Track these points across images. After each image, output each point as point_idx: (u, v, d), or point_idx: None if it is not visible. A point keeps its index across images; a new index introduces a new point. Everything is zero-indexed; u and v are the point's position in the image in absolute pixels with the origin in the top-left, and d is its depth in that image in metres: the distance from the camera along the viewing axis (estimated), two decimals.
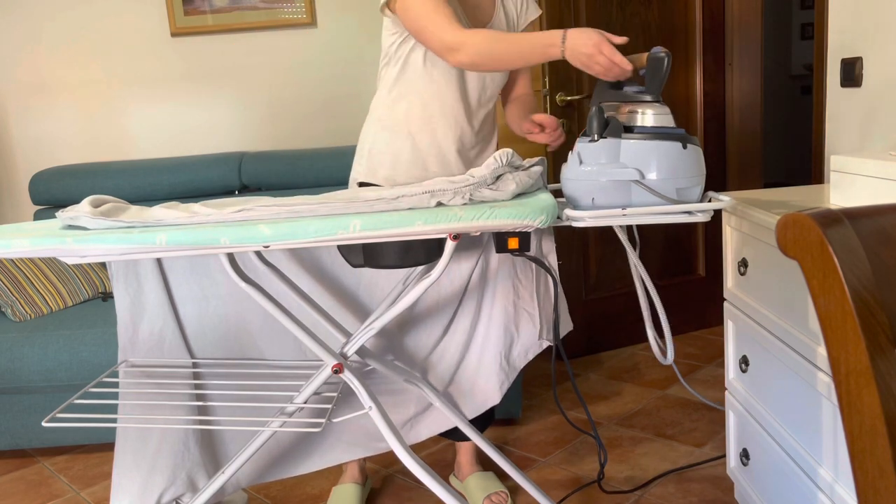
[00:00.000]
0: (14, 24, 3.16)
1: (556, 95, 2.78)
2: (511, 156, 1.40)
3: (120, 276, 1.65)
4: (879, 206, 0.73)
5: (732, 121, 3.22)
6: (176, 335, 1.71)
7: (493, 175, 1.35)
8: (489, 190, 1.33)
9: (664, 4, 2.97)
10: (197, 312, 1.71)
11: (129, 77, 3.20)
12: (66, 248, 1.30)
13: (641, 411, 2.51)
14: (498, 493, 1.96)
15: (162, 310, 1.68)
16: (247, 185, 2.94)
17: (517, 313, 1.71)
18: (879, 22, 1.75)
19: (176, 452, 1.67)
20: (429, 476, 1.46)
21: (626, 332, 3.10)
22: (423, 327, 1.75)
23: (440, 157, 1.73)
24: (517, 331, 1.72)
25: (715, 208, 1.31)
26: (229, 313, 1.72)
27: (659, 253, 3.16)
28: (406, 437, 1.79)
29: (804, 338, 1.41)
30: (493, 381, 1.73)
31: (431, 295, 1.73)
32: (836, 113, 1.95)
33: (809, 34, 5.90)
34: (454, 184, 1.32)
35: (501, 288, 1.70)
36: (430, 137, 1.72)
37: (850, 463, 0.70)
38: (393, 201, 1.32)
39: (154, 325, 1.68)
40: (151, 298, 1.67)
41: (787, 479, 1.53)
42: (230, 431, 1.76)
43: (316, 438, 1.79)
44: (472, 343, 1.74)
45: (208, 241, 1.28)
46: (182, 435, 1.68)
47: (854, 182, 1.48)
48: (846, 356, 0.68)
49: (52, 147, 3.24)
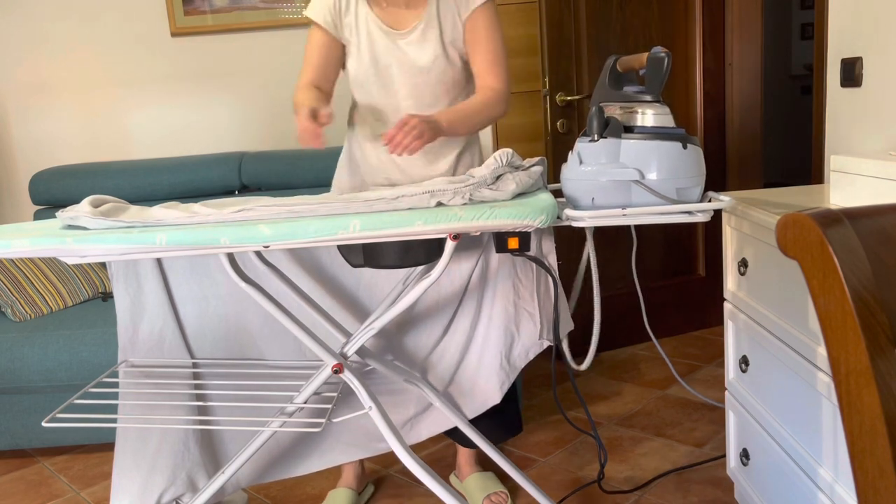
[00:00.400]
0: (15, 25, 3.16)
1: (556, 96, 2.78)
2: (511, 156, 1.40)
3: (120, 276, 1.65)
4: (879, 206, 0.73)
5: (732, 121, 3.22)
6: (176, 335, 1.71)
7: (493, 175, 1.35)
8: (489, 190, 1.33)
9: (664, 4, 2.97)
10: (197, 312, 1.71)
11: (129, 77, 3.20)
12: (66, 248, 1.30)
13: (641, 411, 2.51)
14: (498, 493, 1.96)
15: (162, 310, 1.68)
16: (247, 185, 2.94)
17: (517, 313, 1.71)
18: (879, 22, 1.75)
19: (176, 452, 1.67)
20: (429, 476, 1.46)
21: (626, 332, 3.10)
22: (423, 327, 1.75)
23: (365, 165, 1.82)
24: (517, 330, 1.72)
25: (715, 208, 1.31)
26: (229, 313, 1.72)
27: (659, 253, 3.16)
28: (406, 437, 1.79)
29: (804, 338, 1.41)
30: (493, 381, 1.73)
31: (431, 295, 1.73)
32: (836, 113, 1.95)
33: (809, 34, 5.90)
34: (454, 184, 1.32)
35: (501, 288, 1.70)
36: (358, 146, 1.83)
37: (850, 463, 0.70)
38: (393, 201, 1.32)
39: (154, 325, 1.68)
40: (151, 298, 1.67)
41: (787, 479, 1.53)
42: (230, 431, 1.76)
43: (315, 439, 1.79)
44: (472, 343, 1.74)
45: (208, 241, 1.28)
46: (182, 435, 1.68)
47: (854, 182, 1.48)
48: (846, 356, 0.68)
49: (52, 147, 3.24)
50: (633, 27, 2.92)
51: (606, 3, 2.85)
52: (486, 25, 1.70)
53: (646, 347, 3.09)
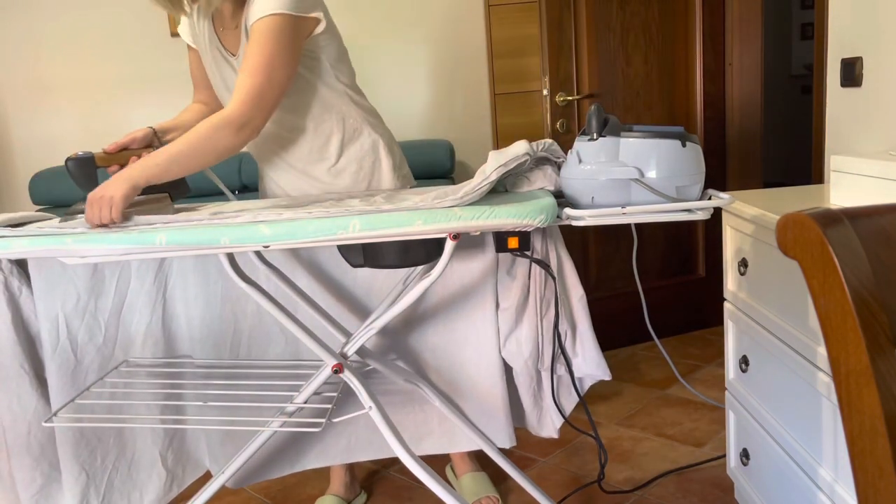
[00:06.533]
0: (14, 24, 3.16)
1: (556, 96, 2.78)
2: (550, 145, 1.42)
3: (117, 275, 1.65)
4: (879, 206, 0.73)
5: (732, 121, 3.22)
6: (174, 335, 1.71)
7: (533, 160, 1.37)
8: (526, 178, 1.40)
9: (664, 4, 2.97)
10: (195, 313, 1.71)
11: (129, 77, 3.20)
12: (66, 249, 1.30)
13: (641, 411, 2.51)
14: (489, 497, 1.95)
15: (160, 309, 1.68)
16: (247, 185, 2.94)
17: (524, 316, 1.70)
18: (879, 22, 1.75)
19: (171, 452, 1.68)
20: (429, 476, 1.46)
21: (626, 332, 3.10)
22: (425, 327, 1.75)
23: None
24: (523, 334, 1.71)
25: (715, 206, 1.31)
26: (227, 313, 1.72)
27: (659, 253, 3.16)
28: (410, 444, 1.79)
29: (804, 338, 1.41)
30: (497, 385, 1.73)
31: (436, 294, 1.73)
32: (836, 113, 1.95)
33: (809, 34, 5.90)
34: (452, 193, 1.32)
35: (506, 290, 1.70)
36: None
37: (850, 463, 0.70)
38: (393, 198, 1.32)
39: (152, 325, 1.68)
40: (150, 298, 1.67)
41: (787, 479, 1.53)
42: (229, 431, 1.76)
43: (314, 439, 1.80)
44: (476, 344, 1.73)
45: (208, 241, 1.28)
46: (179, 434, 1.68)
47: (854, 182, 1.48)
48: (846, 356, 0.68)
49: (52, 147, 3.24)
50: (633, 27, 2.92)
51: (606, 3, 2.85)
52: (253, 40, 1.49)
53: (646, 347, 3.09)
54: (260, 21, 1.47)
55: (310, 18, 1.54)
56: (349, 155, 1.69)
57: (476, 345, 1.72)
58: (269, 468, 1.80)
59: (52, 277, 1.57)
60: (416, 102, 3.34)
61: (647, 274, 3.14)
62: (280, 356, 1.75)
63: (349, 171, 1.69)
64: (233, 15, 1.61)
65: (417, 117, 3.34)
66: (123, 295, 1.66)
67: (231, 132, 1.44)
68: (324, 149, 1.68)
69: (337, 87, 1.66)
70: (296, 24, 1.50)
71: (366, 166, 1.70)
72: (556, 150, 1.45)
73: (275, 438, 1.76)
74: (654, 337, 2.20)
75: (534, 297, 1.64)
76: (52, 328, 1.58)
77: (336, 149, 1.68)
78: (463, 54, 3.29)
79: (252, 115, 1.46)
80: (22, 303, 1.57)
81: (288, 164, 1.70)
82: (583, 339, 1.65)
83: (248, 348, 1.75)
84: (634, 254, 1.83)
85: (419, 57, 3.30)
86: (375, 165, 1.71)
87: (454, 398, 1.78)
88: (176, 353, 1.72)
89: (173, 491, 1.76)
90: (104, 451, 1.66)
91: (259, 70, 1.46)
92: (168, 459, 1.74)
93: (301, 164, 1.69)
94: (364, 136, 1.69)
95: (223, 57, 1.64)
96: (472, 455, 2.06)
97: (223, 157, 1.46)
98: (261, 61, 1.46)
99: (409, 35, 3.28)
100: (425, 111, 3.34)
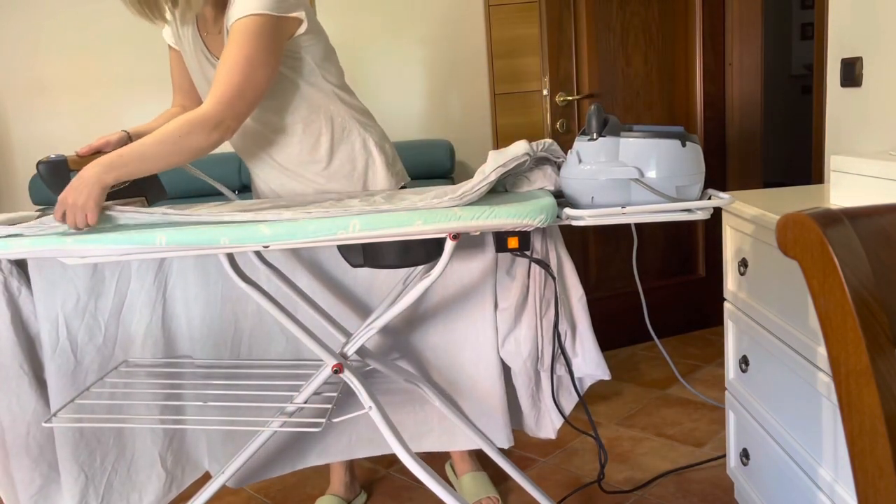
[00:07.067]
0: (14, 24, 3.16)
1: (556, 96, 2.78)
2: (550, 145, 1.42)
3: (117, 275, 1.65)
4: (879, 206, 0.73)
5: (732, 121, 3.22)
6: (174, 335, 1.71)
7: (533, 160, 1.38)
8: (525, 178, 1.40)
9: (664, 4, 2.97)
10: (195, 312, 1.71)
11: (129, 77, 3.20)
12: (66, 249, 1.30)
13: (641, 411, 2.51)
14: (489, 497, 1.95)
15: (160, 309, 1.68)
16: (247, 185, 2.94)
17: (523, 316, 1.70)
18: (879, 22, 1.74)
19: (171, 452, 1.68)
20: (429, 476, 1.46)
21: (626, 332, 3.10)
22: (425, 327, 1.75)
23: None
24: (521, 334, 1.71)
25: (714, 206, 1.31)
26: (228, 313, 1.72)
27: (659, 253, 3.16)
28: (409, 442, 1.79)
29: (804, 338, 1.41)
30: (496, 385, 1.73)
31: (435, 294, 1.73)
32: (836, 113, 1.95)
33: (809, 34, 5.90)
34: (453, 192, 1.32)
35: (505, 290, 1.70)
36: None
37: (850, 463, 0.70)
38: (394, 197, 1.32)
39: (152, 325, 1.68)
40: (150, 298, 1.67)
41: (787, 479, 1.53)
42: (230, 431, 1.76)
43: (314, 438, 1.80)
44: (475, 344, 1.73)
45: (208, 241, 1.28)
46: (179, 435, 1.68)
47: (854, 182, 1.48)
48: (846, 356, 0.68)
49: (52, 147, 3.24)
50: (633, 27, 2.92)
51: (606, 3, 2.85)
52: (232, 40, 1.47)
53: (646, 347, 3.09)
54: (239, 21, 1.45)
55: (291, 19, 1.52)
56: (341, 156, 1.68)
57: (475, 345, 1.72)
58: (270, 467, 1.80)
59: (51, 278, 1.57)
60: (416, 102, 3.34)
61: (647, 274, 3.14)
62: (280, 356, 1.75)
63: (343, 173, 1.69)
64: (215, 20, 1.60)
65: (417, 117, 3.34)
66: (123, 295, 1.66)
67: (203, 132, 1.41)
68: (314, 150, 1.67)
69: (324, 86, 1.65)
70: (277, 24, 1.48)
71: (359, 167, 1.70)
72: (556, 150, 1.45)
73: (275, 438, 1.76)
74: (654, 337, 2.20)
75: (533, 297, 1.64)
76: (52, 328, 1.58)
77: (326, 149, 1.67)
78: (463, 54, 3.29)
79: (226, 115, 1.43)
80: (21, 303, 1.57)
81: (279, 165, 1.69)
82: (582, 339, 1.65)
83: (249, 348, 1.75)
84: (634, 254, 1.83)
85: (419, 57, 3.30)
86: (369, 164, 1.71)
87: (454, 398, 1.78)
88: (176, 354, 1.72)
89: (172, 492, 1.76)
90: (103, 452, 1.66)
91: (236, 70, 1.43)
92: (167, 460, 1.74)
93: (292, 166, 1.69)
94: (354, 136, 1.69)
95: (208, 60, 1.63)
96: (473, 455, 2.06)
97: (194, 157, 1.42)
98: (239, 61, 1.44)
99: (409, 35, 3.28)
100: (425, 111, 3.34)
